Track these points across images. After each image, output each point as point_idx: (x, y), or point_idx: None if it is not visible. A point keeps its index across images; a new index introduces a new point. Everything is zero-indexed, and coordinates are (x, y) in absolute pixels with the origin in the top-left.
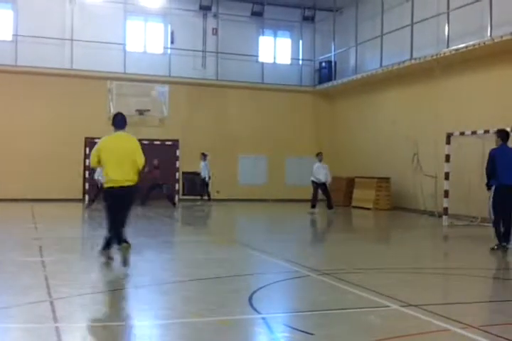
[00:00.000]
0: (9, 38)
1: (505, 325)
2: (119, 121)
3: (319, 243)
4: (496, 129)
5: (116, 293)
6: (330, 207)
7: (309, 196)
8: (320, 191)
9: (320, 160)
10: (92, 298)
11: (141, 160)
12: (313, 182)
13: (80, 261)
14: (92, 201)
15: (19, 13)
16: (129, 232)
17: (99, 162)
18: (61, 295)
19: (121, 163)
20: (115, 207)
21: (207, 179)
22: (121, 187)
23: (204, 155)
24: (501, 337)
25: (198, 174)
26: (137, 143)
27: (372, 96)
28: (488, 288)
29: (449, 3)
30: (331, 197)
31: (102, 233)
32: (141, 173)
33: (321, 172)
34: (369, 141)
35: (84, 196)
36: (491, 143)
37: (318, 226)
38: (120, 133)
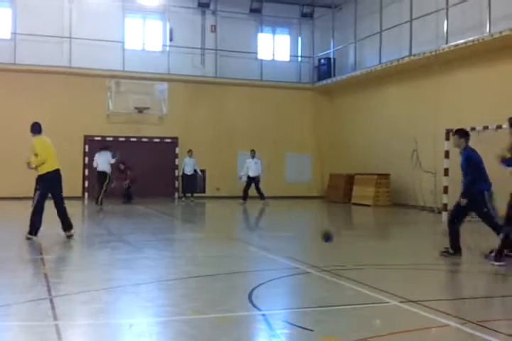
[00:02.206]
0: (7, 36)
1: (505, 320)
2: (39, 127)
3: (319, 239)
4: (495, 125)
5: (115, 290)
6: (263, 198)
7: (309, 193)
8: (253, 184)
9: (252, 157)
10: (92, 295)
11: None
12: (248, 177)
13: (79, 258)
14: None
15: (17, 11)
16: (129, 230)
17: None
18: (61, 293)
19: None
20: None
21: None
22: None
23: (190, 152)
24: (500, 332)
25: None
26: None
27: (371, 92)
28: (488, 283)
29: None
30: (261, 190)
31: (101, 231)
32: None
33: (252, 168)
34: (368, 138)
35: (84, 194)
36: (490, 139)
37: (318, 223)
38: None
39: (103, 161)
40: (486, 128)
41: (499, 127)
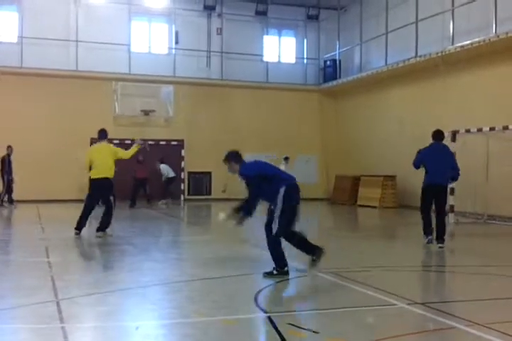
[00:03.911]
0: (14, 39)
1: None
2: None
3: (325, 241)
4: (501, 126)
5: (122, 292)
6: None
7: (315, 195)
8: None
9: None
10: (98, 298)
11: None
12: None
13: (86, 261)
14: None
15: (24, 14)
16: (136, 232)
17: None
18: (67, 296)
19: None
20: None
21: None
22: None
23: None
24: (507, 334)
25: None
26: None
27: (377, 94)
28: (495, 285)
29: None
30: None
31: (108, 233)
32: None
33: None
34: (374, 139)
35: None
36: (496, 140)
37: (323, 225)
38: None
39: None
40: (492, 129)
41: (506, 128)
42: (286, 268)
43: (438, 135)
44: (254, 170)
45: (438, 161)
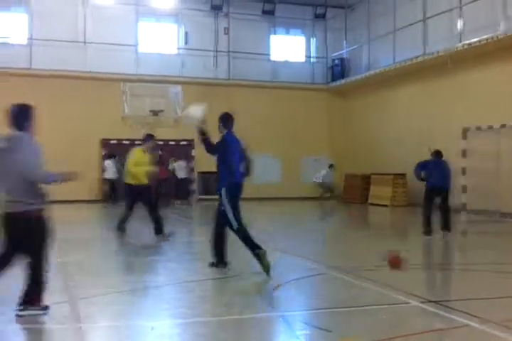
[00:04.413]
0: (24, 41)
1: None
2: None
3: (336, 240)
4: None
5: (135, 292)
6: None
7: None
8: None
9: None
10: (112, 297)
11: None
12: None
13: (97, 261)
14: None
15: (33, 16)
16: (148, 232)
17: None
18: (82, 296)
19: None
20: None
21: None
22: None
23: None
24: None
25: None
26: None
27: (385, 92)
28: (509, 283)
29: None
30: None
31: (120, 233)
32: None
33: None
34: (384, 137)
35: (101, 197)
36: (507, 137)
37: (335, 223)
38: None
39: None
40: (503, 126)
41: None
42: (262, 250)
43: (437, 154)
44: (229, 142)
45: (440, 170)
